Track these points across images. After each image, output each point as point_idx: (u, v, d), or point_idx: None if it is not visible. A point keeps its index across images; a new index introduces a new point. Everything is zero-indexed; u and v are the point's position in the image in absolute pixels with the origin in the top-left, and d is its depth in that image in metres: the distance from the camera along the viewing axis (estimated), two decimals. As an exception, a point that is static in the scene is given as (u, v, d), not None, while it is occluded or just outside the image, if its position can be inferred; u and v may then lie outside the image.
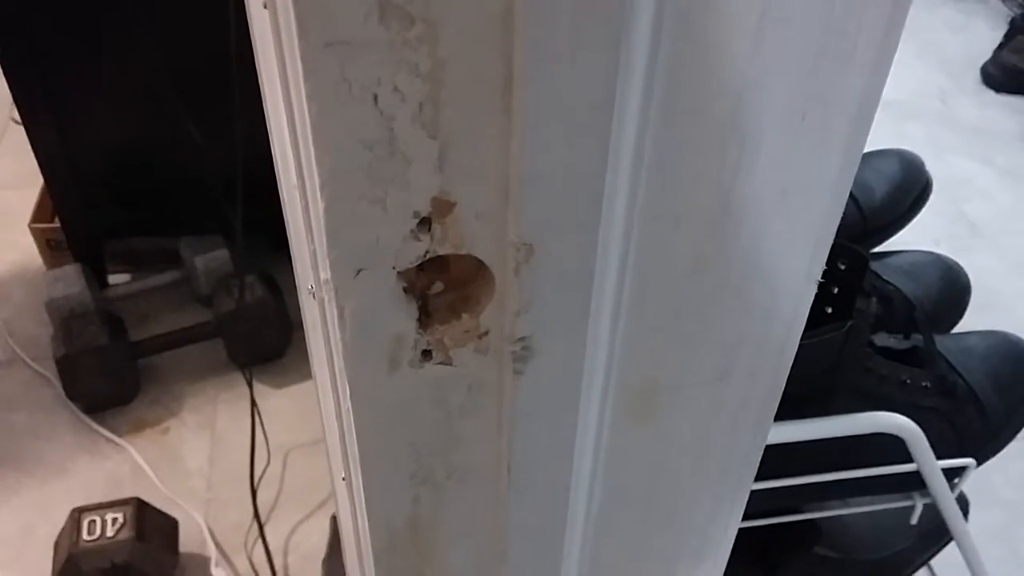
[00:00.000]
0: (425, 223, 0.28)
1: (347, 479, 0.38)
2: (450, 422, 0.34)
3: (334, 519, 1.04)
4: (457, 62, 0.24)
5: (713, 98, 0.27)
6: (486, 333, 0.31)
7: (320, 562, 1.05)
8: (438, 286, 0.31)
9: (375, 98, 0.25)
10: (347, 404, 0.33)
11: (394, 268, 0.29)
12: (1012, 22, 1.96)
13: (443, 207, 0.27)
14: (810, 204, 0.31)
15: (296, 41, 0.23)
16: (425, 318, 0.31)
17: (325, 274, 0.29)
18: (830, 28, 0.27)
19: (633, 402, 0.35)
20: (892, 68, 0.29)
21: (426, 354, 0.32)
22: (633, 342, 0.33)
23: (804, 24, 0.27)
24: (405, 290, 0.30)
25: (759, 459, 0.42)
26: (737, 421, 0.39)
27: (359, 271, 0.28)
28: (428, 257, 0.29)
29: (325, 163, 0.26)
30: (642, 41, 0.25)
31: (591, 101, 0.25)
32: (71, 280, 1.27)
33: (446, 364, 0.32)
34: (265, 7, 0.25)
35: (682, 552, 0.44)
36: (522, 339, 0.31)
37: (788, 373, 0.38)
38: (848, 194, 0.32)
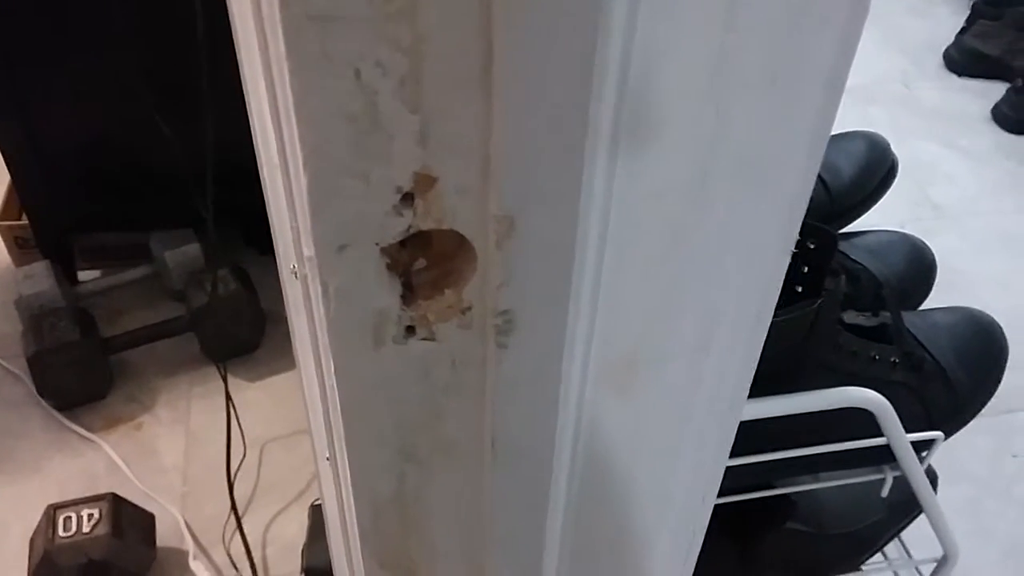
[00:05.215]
0: (408, 198, 0.28)
1: (331, 458, 0.38)
2: (434, 398, 0.34)
3: (313, 508, 1.04)
4: (437, 37, 0.25)
5: (690, 68, 0.28)
6: (469, 308, 0.31)
7: (299, 551, 1.05)
8: (421, 262, 0.31)
9: (357, 72, 0.25)
10: (331, 381, 0.33)
11: (377, 244, 0.29)
12: (973, 7, 1.98)
13: (425, 182, 0.28)
14: (784, 173, 0.32)
15: (278, 14, 0.23)
16: (408, 294, 0.31)
17: (309, 251, 0.29)
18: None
19: (614, 374, 0.36)
20: (855, 53, 0.30)
21: (410, 330, 0.32)
22: (613, 314, 0.33)
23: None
24: (388, 266, 0.30)
25: (735, 432, 0.43)
26: (714, 393, 0.39)
27: (342, 247, 0.29)
28: (411, 232, 0.29)
29: (308, 138, 0.26)
30: (619, 15, 0.25)
31: (570, 75, 0.26)
32: (40, 277, 1.26)
33: (430, 340, 0.32)
34: (245, -16, 0.26)
35: (662, 524, 0.45)
36: (505, 312, 0.31)
37: (763, 345, 0.39)
38: (820, 163, 0.32)
